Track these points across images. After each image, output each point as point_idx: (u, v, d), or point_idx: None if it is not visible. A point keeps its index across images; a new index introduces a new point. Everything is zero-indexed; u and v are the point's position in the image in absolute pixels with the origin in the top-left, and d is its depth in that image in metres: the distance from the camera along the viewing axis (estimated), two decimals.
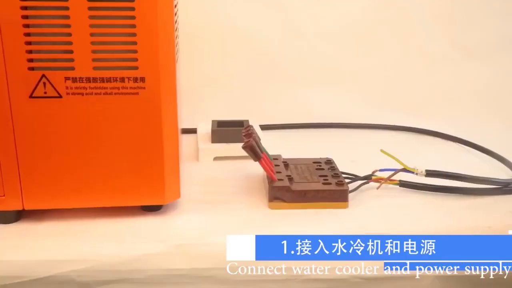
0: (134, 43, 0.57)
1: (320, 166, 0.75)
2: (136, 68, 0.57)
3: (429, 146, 0.94)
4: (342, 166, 0.76)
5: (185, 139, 0.89)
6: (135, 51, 0.57)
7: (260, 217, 0.65)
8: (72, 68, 0.56)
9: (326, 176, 0.72)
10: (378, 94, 1.10)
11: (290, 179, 0.69)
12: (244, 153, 0.69)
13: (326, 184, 0.69)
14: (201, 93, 1.02)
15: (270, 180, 0.69)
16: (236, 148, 0.78)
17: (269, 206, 0.67)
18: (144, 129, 0.59)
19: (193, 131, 0.94)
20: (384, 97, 1.09)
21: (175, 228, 0.62)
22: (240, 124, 0.88)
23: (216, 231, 0.61)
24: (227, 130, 0.86)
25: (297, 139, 0.74)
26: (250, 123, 0.83)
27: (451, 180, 0.70)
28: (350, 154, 0.75)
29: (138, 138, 0.60)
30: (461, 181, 0.70)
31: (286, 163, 0.75)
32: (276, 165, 0.74)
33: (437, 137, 0.97)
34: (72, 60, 0.56)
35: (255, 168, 0.72)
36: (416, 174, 0.71)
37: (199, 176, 0.77)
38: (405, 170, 0.70)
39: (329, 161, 0.78)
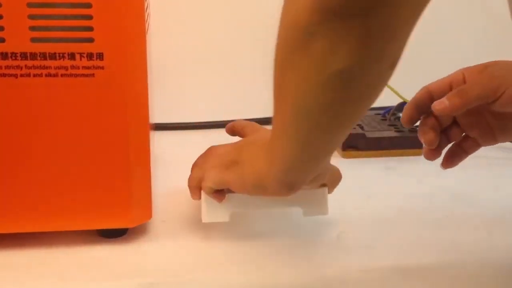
0: (88, 5, 0.48)
1: (384, 117, 0.79)
2: (91, 40, 0.49)
3: None
4: None
5: (159, 137, 0.78)
6: (89, 17, 0.48)
7: None
8: (2, 40, 0.48)
9: (395, 125, 0.76)
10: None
11: (361, 127, 0.74)
12: None
13: (398, 132, 0.74)
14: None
15: None
16: None
17: (343, 155, 0.72)
18: (102, 124, 0.51)
19: (171, 126, 0.87)
20: (384, 97, 1.11)
21: (144, 260, 0.55)
22: None
23: (200, 263, 0.54)
24: None
25: None
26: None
27: None
28: None
29: (95, 137, 0.52)
30: None
31: None
32: None
33: None
34: (1, 28, 0.48)
35: None
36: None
37: (177, 187, 0.65)
38: (404, 103, 0.74)
39: (393, 113, 0.80)
